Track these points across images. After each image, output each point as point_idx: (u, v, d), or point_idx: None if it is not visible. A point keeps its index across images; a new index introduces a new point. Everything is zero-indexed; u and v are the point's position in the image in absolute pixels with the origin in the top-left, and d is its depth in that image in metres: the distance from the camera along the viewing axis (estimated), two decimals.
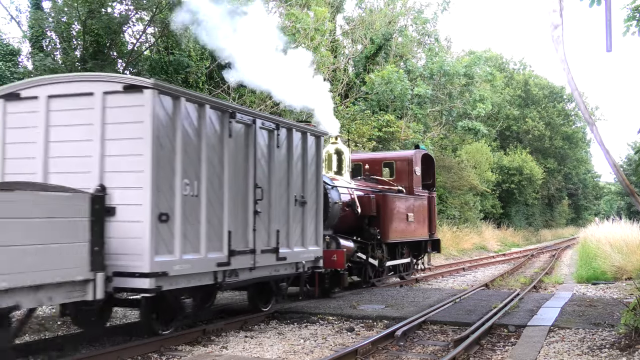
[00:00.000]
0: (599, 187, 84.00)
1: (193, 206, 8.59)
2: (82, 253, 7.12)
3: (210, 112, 9.01)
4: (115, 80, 8.37)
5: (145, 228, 7.79)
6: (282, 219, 10.80)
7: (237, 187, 9.62)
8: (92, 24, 18.40)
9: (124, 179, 7.99)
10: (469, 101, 36.91)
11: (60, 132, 8.43)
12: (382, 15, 33.80)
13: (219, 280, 9.21)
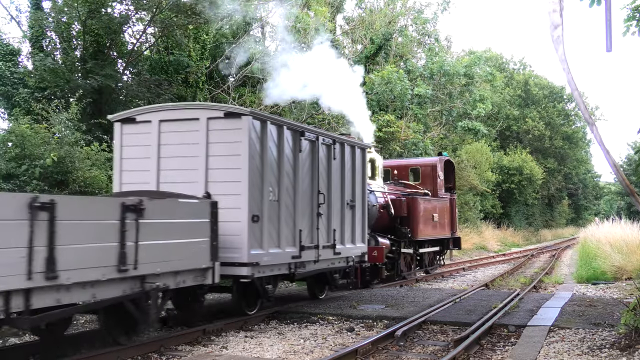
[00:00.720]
0: (599, 187, 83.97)
1: (275, 209, 10.54)
2: (205, 246, 8.96)
3: (286, 132, 10.94)
4: (217, 108, 10.49)
5: (243, 227, 9.70)
6: (337, 220, 12.72)
7: (305, 193, 11.55)
8: (92, 24, 18.39)
9: (225, 187, 9.87)
10: (469, 101, 36.91)
11: (170, 149, 10.34)
12: (382, 15, 33.80)
13: (292, 270, 11.12)
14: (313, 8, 26.87)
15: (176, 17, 19.50)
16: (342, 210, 12.97)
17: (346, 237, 13.05)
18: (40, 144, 13.00)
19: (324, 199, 12.17)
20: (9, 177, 12.46)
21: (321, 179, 12.10)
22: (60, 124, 14.04)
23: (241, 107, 11.01)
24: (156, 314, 8.35)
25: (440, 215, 19.37)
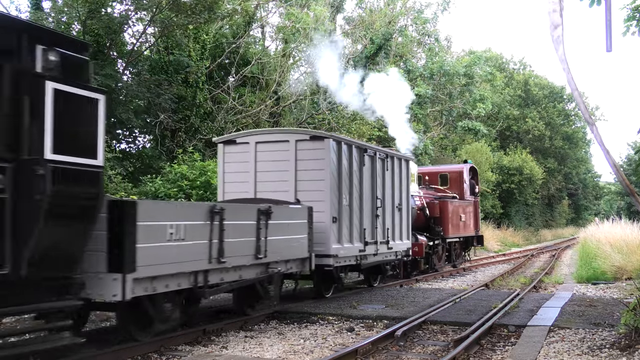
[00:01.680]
0: (599, 187, 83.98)
1: (347, 212, 13.10)
2: (304, 241, 11.49)
3: (354, 150, 13.53)
4: (304, 133, 13.31)
5: (327, 226, 12.29)
6: (390, 220, 15.36)
7: (367, 198, 14.06)
8: (92, 24, 18.39)
9: (311, 195, 12.46)
10: (469, 101, 36.92)
11: (265, 165, 12.90)
12: (382, 15, 33.80)
13: (358, 261, 13.58)
14: (313, 8, 26.85)
15: (176, 17, 19.50)
16: (393, 212, 15.68)
17: (396, 234, 15.83)
18: None
19: (380, 203, 14.80)
20: None
21: (378, 187, 14.74)
22: None
23: (323, 132, 14.42)
24: (277, 292, 11.05)
25: (467, 216, 22.31)
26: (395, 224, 15.81)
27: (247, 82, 25.49)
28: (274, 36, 28.20)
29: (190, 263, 8.44)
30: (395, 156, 16.00)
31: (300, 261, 11.54)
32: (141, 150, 22.43)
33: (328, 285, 13.33)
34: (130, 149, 22.37)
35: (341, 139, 13.32)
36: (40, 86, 6.15)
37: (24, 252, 6.08)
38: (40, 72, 6.19)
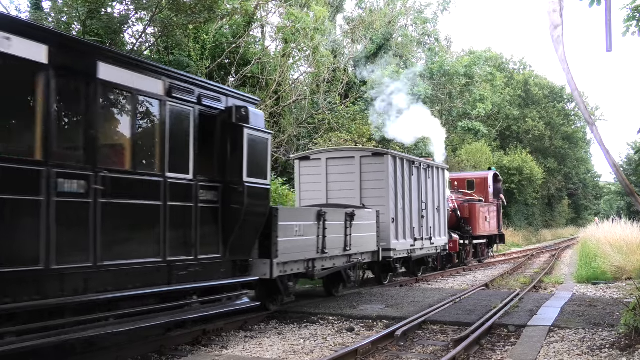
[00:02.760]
0: (599, 187, 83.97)
1: (401, 213, 16.43)
2: (374, 237, 14.67)
3: (405, 163, 16.89)
4: (368, 150, 16.99)
5: (388, 225, 15.54)
6: (431, 220, 18.78)
7: (415, 202, 17.44)
8: (92, 24, 18.38)
9: (374, 201, 15.62)
10: (469, 101, 36.91)
11: (335, 177, 16.10)
12: (382, 15, 33.81)
13: (409, 255, 17.12)
14: (313, 8, 26.86)
15: (176, 17, 19.50)
16: (434, 213, 19.08)
17: (436, 232, 19.24)
18: None
19: (424, 206, 18.23)
20: None
21: (423, 192, 18.16)
22: None
23: (383, 149, 17.92)
24: (357, 278, 14.50)
25: (491, 217, 25.51)
26: (436, 223, 19.33)
27: (247, 82, 25.48)
28: (274, 36, 28.20)
29: (306, 253, 11.69)
30: (434, 166, 19.47)
31: (371, 253, 14.86)
32: None
33: (386, 275, 16.57)
34: None
35: (396, 154, 16.74)
36: (238, 131, 9.26)
37: (227, 243, 9.28)
38: (236, 122, 9.28)
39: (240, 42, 24.56)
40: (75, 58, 6.95)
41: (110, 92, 7.52)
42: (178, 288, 8.36)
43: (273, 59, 26.11)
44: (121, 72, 7.61)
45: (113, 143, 7.77)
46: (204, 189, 8.90)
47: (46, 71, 6.46)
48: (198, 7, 19.39)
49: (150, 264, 7.86)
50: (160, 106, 8.22)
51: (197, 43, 22.57)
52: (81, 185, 6.91)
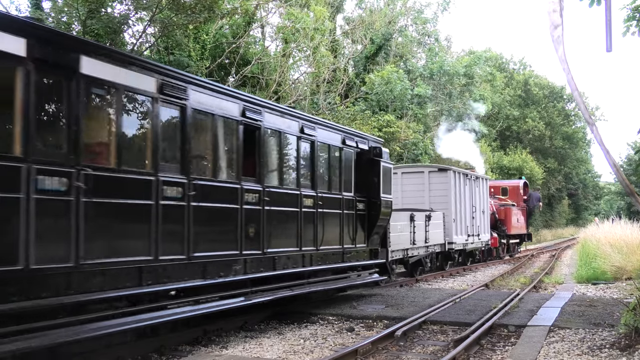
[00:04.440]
0: (599, 187, 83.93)
1: (459, 215, 21.55)
2: (442, 233, 19.97)
3: (461, 176, 22.22)
4: (434, 166, 22.04)
5: (450, 224, 20.73)
6: (479, 221, 24.25)
7: (467, 206, 22.87)
8: (92, 23, 18.37)
9: (439, 205, 20.49)
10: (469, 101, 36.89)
11: (407, 187, 20.92)
12: (382, 15, 33.79)
13: (464, 247, 22.62)
14: (313, 8, 26.85)
15: (176, 16, 19.49)
16: (480, 215, 24.47)
17: (482, 230, 24.73)
18: None
19: (474, 209, 23.74)
20: None
21: (473, 198, 23.74)
22: None
23: (446, 166, 23.06)
24: (434, 264, 20.05)
25: (520, 219, 30.38)
26: (482, 223, 24.74)
27: (247, 82, 25.47)
28: (274, 36, 28.20)
29: (403, 244, 17.15)
30: (480, 177, 25.32)
31: (440, 245, 20.30)
32: None
33: (446, 263, 21.64)
34: None
35: (455, 169, 22.30)
36: (376, 163, 13.50)
37: (369, 238, 13.50)
38: (374, 157, 13.54)
39: (240, 42, 24.55)
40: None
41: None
42: (346, 265, 12.80)
43: (273, 59, 26.10)
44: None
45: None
46: (359, 202, 13.20)
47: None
48: (198, 7, 19.38)
49: (336, 249, 12.34)
50: (340, 151, 12.74)
51: (197, 43, 22.55)
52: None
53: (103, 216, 7.01)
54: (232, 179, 9.32)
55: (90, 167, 6.88)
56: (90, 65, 7.01)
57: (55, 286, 6.46)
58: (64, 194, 6.60)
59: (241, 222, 9.35)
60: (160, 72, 8.04)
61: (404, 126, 30.14)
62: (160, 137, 7.97)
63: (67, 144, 6.70)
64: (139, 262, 7.49)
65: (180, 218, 8.15)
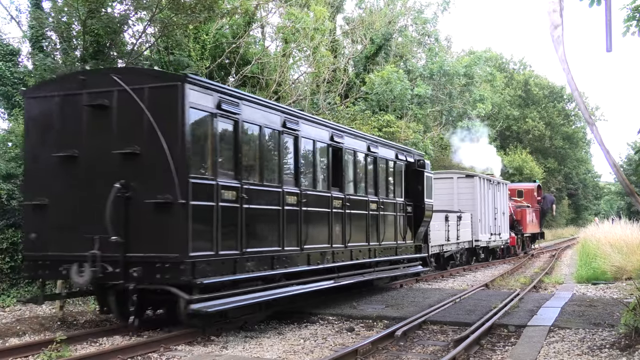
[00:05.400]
0: (599, 187, 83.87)
1: (483, 216, 24.90)
2: (470, 232, 23.75)
3: (485, 181, 25.52)
4: (462, 173, 25.50)
5: (476, 224, 24.29)
6: (499, 221, 27.31)
7: (490, 208, 26.10)
8: (92, 24, 18.35)
9: (466, 207, 23.74)
10: (469, 101, 36.90)
11: (438, 190, 20.27)
12: (382, 15, 33.77)
13: (488, 245, 25.76)
14: (312, 7, 26.85)
15: (176, 16, 19.47)
16: (501, 216, 27.55)
17: (502, 229, 27.83)
18: None
19: (496, 210, 26.94)
20: (9, 177, 12.45)
21: (495, 201, 26.91)
22: None
23: (473, 172, 26.69)
24: (463, 259, 23.17)
25: (534, 219, 33.81)
26: (502, 223, 27.82)
27: (247, 82, 25.46)
28: (274, 36, 28.20)
29: (439, 241, 20.21)
30: (500, 182, 28.49)
31: (468, 242, 23.58)
32: None
33: (472, 258, 24.58)
34: None
35: (480, 176, 25.57)
36: (420, 173, 16.57)
37: (414, 235, 16.53)
38: (418, 168, 16.54)
39: (240, 42, 24.55)
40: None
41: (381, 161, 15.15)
42: (399, 257, 15.86)
43: (273, 59, 26.10)
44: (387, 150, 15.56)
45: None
46: (407, 205, 16.31)
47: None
48: (198, 7, 19.37)
49: (392, 245, 15.41)
50: (394, 164, 15.81)
51: (197, 43, 22.54)
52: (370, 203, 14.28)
53: (253, 218, 9.91)
54: (325, 190, 12.42)
55: (247, 183, 9.84)
56: (246, 109, 9.98)
57: (232, 267, 9.41)
58: (234, 202, 9.49)
59: (330, 222, 12.31)
60: (280, 111, 11.22)
61: (404, 126, 30.12)
62: (283, 160, 11.00)
63: (235, 167, 9.66)
64: (271, 252, 10.45)
65: (295, 219, 11.12)
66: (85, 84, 9.37)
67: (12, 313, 11.22)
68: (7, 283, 12.20)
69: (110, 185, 8.78)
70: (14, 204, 12.06)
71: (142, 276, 8.63)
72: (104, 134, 9.14)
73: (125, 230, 8.75)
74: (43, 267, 9.42)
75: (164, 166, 8.62)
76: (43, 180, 9.53)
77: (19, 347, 8.27)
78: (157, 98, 8.86)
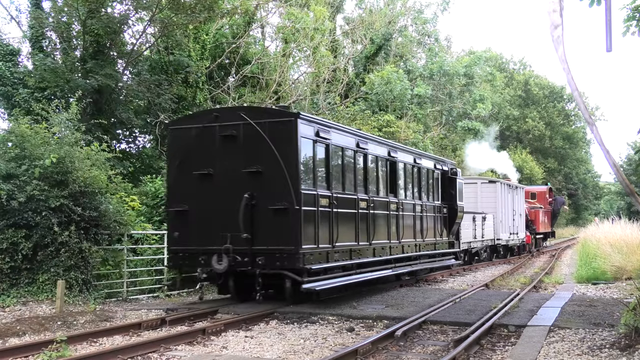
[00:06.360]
0: (599, 187, 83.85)
1: (504, 216, 27.88)
2: (492, 231, 26.49)
3: (505, 185, 28.53)
4: (485, 179, 29.29)
5: (498, 224, 27.03)
6: (517, 221, 30.08)
7: (509, 210, 28.78)
8: (92, 24, 18.36)
9: (488, 209, 26.27)
10: (469, 101, 36.90)
11: (465, 194, 22.22)
12: (382, 15, 33.79)
13: (507, 243, 28.66)
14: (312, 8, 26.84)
15: (176, 16, 19.47)
16: (518, 217, 30.04)
17: (519, 229, 30.37)
18: (40, 144, 12.94)
19: (514, 212, 29.34)
20: (9, 177, 12.44)
21: (513, 203, 29.39)
22: (60, 124, 13.99)
23: (495, 178, 29.83)
24: (487, 255, 26.28)
25: (546, 219, 36.64)
26: (519, 223, 30.37)
27: (247, 82, 25.47)
28: (273, 36, 28.20)
29: (468, 238, 22.68)
30: (517, 186, 31.11)
31: (491, 240, 25.91)
32: (141, 150, 22.39)
33: (493, 255, 27.17)
34: (130, 149, 22.32)
35: (501, 181, 28.33)
36: (453, 180, 19.78)
37: (449, 232, 19.73)
38: (452, 175, 19.73)
39: (240, 42, 24.55)
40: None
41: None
42: (436, 252, 18.52)
43: (273, 59, 26.10)
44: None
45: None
46: (443, 207, 19.24)
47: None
48: (198, 7, 19.37)
49: (432, 241, 18.19)
50: (433, 172, 18.68)
51: (197, 43, 22.54)
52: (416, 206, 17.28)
53: (339, 219, 12.64)
54: (385, 196, 15.12)
55: (335, 192, 12.61)
56: (334, 135, 12.75)
57: (326, 257, 12.19)
58: (328, 207, 12.26)
59: (388, 222, 15.17)
60: (354, 134, 14.01)
61: (404, 126, 30.14)
62: (357, 173, 13.83)
63: (327, 180, 12.47)
64: (350, 245, 13.14)
65: (365, 220, 13.81)
66: (218, 119, 12.14)
67: (12, 313, 11.21)
68: (7, 283, 12.17)
69: (239, 196, 11.44)
70: (14, 204, 12.04)
71: (265, 264, 11.25)
72: (233, 157, 11.83)
73: (252, 229, 11.38)
74: (184, 258, 12.09)
75: (282, 181, 11.31)
76: (184, 191, 12.21)
77: (19, 347, 8.27)
78: (276, 130, 11.56)
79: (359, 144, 13.82)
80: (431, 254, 18.16)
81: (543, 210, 35.70)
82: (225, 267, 11.26)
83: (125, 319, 11.08)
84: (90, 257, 12.83)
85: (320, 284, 11.50)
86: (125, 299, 13.53)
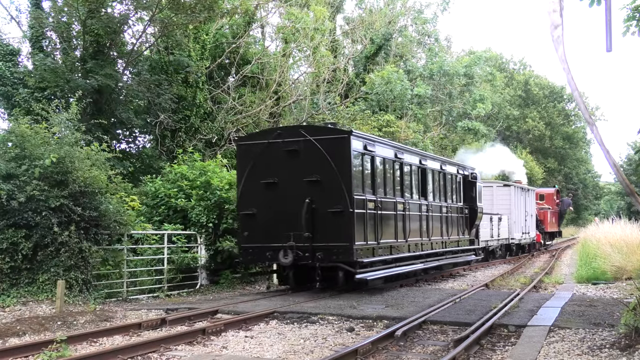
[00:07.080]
0: (599, 187, 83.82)
1: (517, 218, 29.88)
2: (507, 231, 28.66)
3: (518, 188, 30.85)
4: (500, 183, 31.06)
5: (511, 225, 29.19)
6: (529, 222, 32.24)
7: (521, 211, 30.89)
8: (92, 24, 18.35)
9: (502, 210, 28.38)
10: (468, 101, 36.90)
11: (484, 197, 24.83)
12: (382, 15, 33.78)
13: (519, 242, 30.92)
14: (312, 8, 26.84)
15: (176, 16, 19.47)
16: (529, 217, 31.89)
17: (530, 229, 32.23)
18: (40, 144, 12.94)
19: (526, 213, 31.22)
20: (9, 177, 12.43)
21: (525, 205, 31.21)
22: (60, 124, 13.98)
23: (509, 182, 31.70)
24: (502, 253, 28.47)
25: (553, 219, 38.99)
26: (530, 223, 32.27)
27: (247, 82, 25.47)
28: (273, 36, 28.20)
29: (485, 237, 24.88)
30: (529, 189, 32.97)
31: (505, 239, 27.81)
32: (141, 150, 22.39)
33: (507, 253, 28.84)
34: (130, 149, 22.32)
35: (514, 185, 30.29)
36: (473, 184, 22.08)
37: (469, 231, 21.87)
38: (472, 179, 21.96)
39: (240, 42, 24.55)
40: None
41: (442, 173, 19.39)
42: (459, 248, 20.36)
43: (273, 59, 26.10)
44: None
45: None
46: (465, 208, 21.17)
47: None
48: (198, 6, 19.37)
49: (456, 239, 20.06)
50: (455, 177, 20.57)
51: (197, 43, 22.54)
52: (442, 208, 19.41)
53: (382, 220, 14.59)
54: (417, 199, 17.09)
55: (379, 197, 14.59)
56: (377, 147, 14.79)
57: (372, 252, 14.16)
58: (374, 209, 14.19)
59: (420, 222, 17.15)
60: (393, 146, 16.11)
61: (404, 126, 30.13)
62: (395, 180, 15.87)
63: (373, 186, 14.44)
64: (391, 242, 15.17)
65: (402, 220, 15.81)
66: (282, 136, 14.13)
67: (12, 313, 11.21)
68: (7, 283, 12.17)
69: (300, 201, 13.47)
70: (14, 204, 12.03)
71: (324, 258, 13.31)
72: (295, 168, 13.80)
73: (312, 228, 13.37)
74: (252, 254, 14.17)
75: (337, 188, 13.32)
76: (252, 197, 14.21)
77: (19, 347, 8.27)
78: (331, 145, 13.53)
79: (396, 154, 15.81)
80: (454, 250, 20.10)
81: (551, 211, 38.09)
82: (291, 260, 13.32)
83: (125, 319, 11.08)
84: (90, 257, 12.82)
85: (370, 275, 13.74)
86: (125, 299, 13.53)
